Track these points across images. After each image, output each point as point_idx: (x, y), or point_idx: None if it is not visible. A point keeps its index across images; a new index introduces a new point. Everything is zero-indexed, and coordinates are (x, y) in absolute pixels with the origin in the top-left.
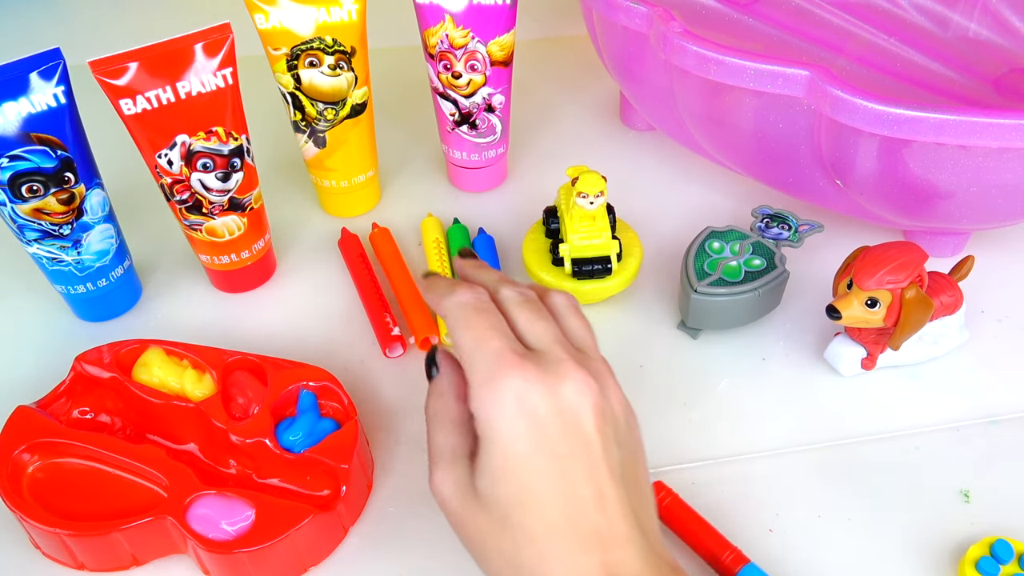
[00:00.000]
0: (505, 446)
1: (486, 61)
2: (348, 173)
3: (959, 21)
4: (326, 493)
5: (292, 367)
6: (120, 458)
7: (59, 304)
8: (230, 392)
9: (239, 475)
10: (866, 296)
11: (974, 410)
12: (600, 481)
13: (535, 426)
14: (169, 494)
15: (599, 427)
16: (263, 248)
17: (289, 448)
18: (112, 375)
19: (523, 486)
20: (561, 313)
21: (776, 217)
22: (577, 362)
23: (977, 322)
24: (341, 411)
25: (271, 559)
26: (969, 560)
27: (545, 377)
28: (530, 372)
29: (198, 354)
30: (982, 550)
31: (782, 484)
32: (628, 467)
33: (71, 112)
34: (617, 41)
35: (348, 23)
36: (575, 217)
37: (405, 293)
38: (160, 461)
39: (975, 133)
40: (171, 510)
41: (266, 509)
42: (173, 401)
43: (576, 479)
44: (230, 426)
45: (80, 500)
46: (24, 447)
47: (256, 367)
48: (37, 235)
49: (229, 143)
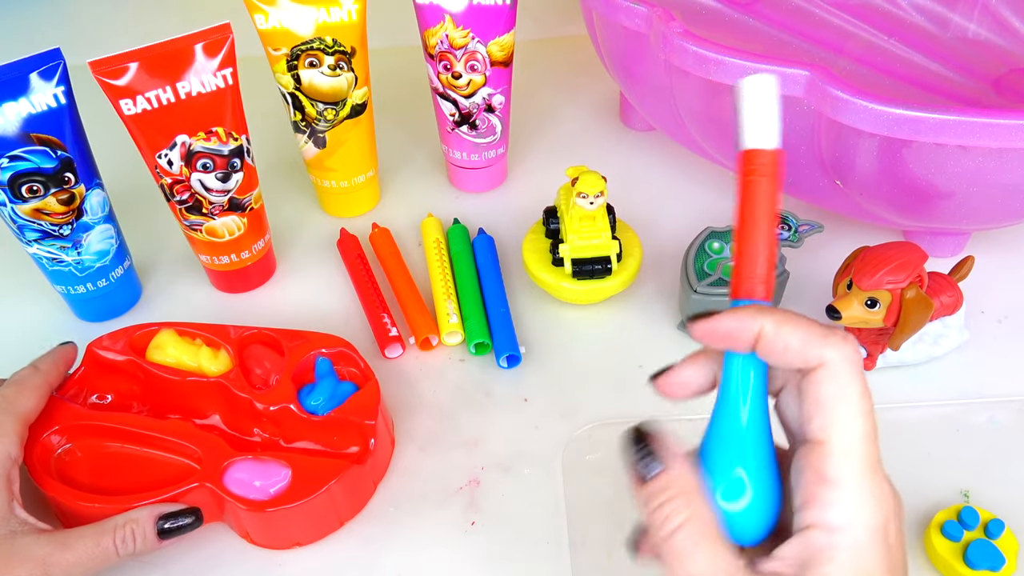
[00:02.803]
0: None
1: (486, 61)
2: (348, 173)
3: (959, 21)
4: (355, 450)
5: (306, 336)
6: (149, 434)
7: (59, 305)
8: (247, 364)
9: (265, 442)
10: (866, 296)
11: (974, 410)
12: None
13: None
14: (203, 463)
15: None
16: (263, 248)
17: (313, 412)
18: (128, 358)
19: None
20: None
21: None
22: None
23: (977, 322)
24: (359, 375)
25: (311, 515)
26: (936, 524)
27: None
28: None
29: (211, 332)
30: (949, 515)
31: None
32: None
33: (71, 112)
34: (617, 41)
35: (348, 23)
36: (575, 217)
37: (405, 293)
38: (189, 433)
39: (975, 133)
40: (208, 477)
41: (301, 468)
42: (189, 378)
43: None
44: (254, 395)
45: (114, 479)
46: (53, 430)
47: (271, 339)
48: (37, 235)
49: (229, 143)
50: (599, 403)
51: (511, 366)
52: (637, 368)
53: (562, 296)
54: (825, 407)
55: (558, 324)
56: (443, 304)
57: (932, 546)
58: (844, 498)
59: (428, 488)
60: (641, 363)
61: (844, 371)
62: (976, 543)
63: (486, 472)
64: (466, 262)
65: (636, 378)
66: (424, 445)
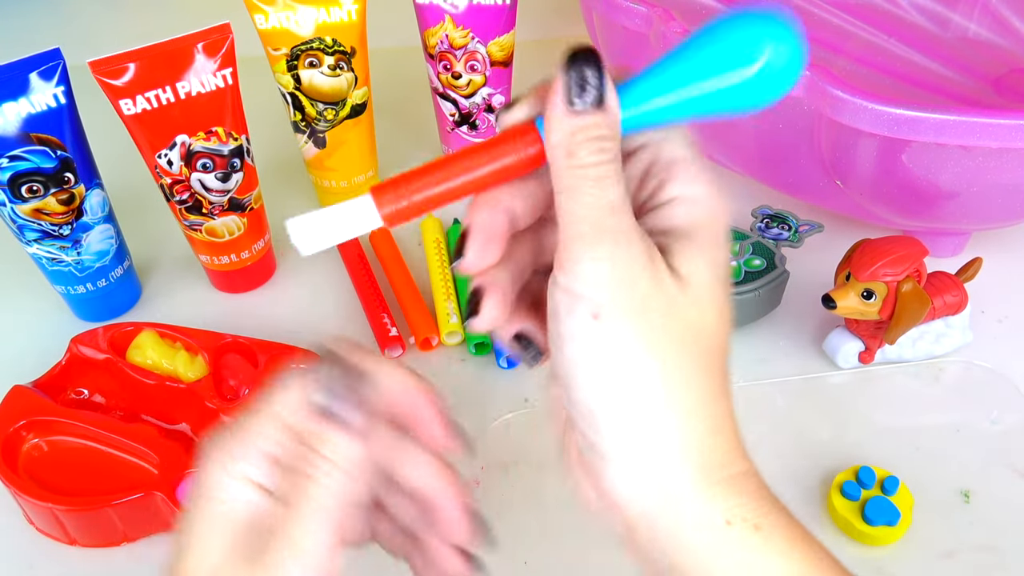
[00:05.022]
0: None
1: (486, 61)
2: (348, 173)
3: (959, 21)
4: None
5: (282, 350)
6: (113, 436)
7: (59, 305)
8: (222, 374)
9: None
10: (862, 287)
11: (974, 410)
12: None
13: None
14: (160, 471)
15: None
16: (263, 248)
17: None
18: (107, 356)
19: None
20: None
21: (776, 217)
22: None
23: (977, 322)
24: None
25: None
26: (836, 485)
27: None
28: None
29: (190, 337)
30: (848, 476)
31: (777, 489)
32: None
33: (71, 112)
34: (617, 41)
35: (348, 23)
36: None
37: (405, 293)
38: (152, 440)
39: (975, 133)
40: (162, 486)
41: None
42: (166, 382)
43: None
44: (222, 406)
45: (74, 477)
46: (20, 424)
47: (246, 349)
48: (37, 235)
49: (229, 143)
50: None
51: (511, 366)
52: None
53: None
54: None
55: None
56: (443, 304)
57: (833, 506)
58: (700, 176)
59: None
60: None
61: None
62: (873, 500)
63: (486, 472)
64: None
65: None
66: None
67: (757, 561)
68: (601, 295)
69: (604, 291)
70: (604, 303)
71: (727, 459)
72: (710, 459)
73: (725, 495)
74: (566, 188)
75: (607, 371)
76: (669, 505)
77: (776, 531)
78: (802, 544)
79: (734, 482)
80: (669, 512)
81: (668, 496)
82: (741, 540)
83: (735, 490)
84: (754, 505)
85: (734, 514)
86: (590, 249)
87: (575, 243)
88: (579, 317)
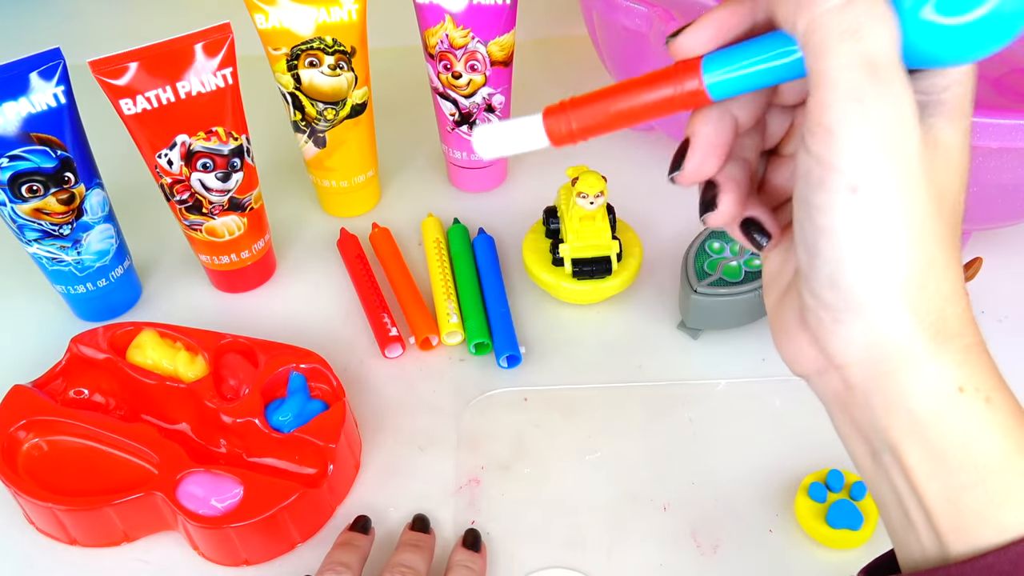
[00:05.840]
0: None
1: (486, 61)
2: (348, 173)
3: None
4: (314, 472)
5: (282, 350)
6: (113, 436)
7: (59, 304)
8: (222, 374)
9: (229, 454)
10: None
11: None
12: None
13: None
14: (160, 471)
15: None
16: (263, 248)
17: (278, 428)
18: (107, 356)
19: None
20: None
21: None
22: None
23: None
24: (330, 392)
25: (259, 535)
26: (803, 487)
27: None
28: None
29: (191, 337)
30: (817, 478)
31: (777, 493)
32: None
33: (71, 112)
34: (617, 41)
35: (348, 23)
36: (575, 217)
37: (405, 293)
38: (152, 439)
39: (975, 133)
40: (161, 486)
41: (254, 486)
42: (166, 382)
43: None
44: (221, 406)
45: (74, 477)
46: (20, 424)
47: (247, 349)
48: (37, 235)
49: (229, 143)
50: (600, 403)
51: (511, 366)
52: (637, 368)
53: (562, 296)
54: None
55: (558, 324)
56: (443, 304)
57: (799, 507)
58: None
59: (425, 491)
60: (641, 363)
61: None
62: (837, 503)
63: (486, 472)
64: (466, 262)
65: (636, 378)
66: (424, 445)
67: (982, 434)
68: (860, 168)
69: (863, 163)
70: (863, 177)
71: (964, 329)
72: (948, 326)
73: (959, 363)
74: (819, 43)
75: (860, 240)
76: (902, 366)
77: (1005, 406)
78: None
79: (969, 351)
80: (900, 373)
81: (902, 357)
82: (970, 409)
83: (969, 359)
84: (986, 376)
85: (967, 382)
86: (850, 112)
87: (831, 108)
88: (835, 190)
